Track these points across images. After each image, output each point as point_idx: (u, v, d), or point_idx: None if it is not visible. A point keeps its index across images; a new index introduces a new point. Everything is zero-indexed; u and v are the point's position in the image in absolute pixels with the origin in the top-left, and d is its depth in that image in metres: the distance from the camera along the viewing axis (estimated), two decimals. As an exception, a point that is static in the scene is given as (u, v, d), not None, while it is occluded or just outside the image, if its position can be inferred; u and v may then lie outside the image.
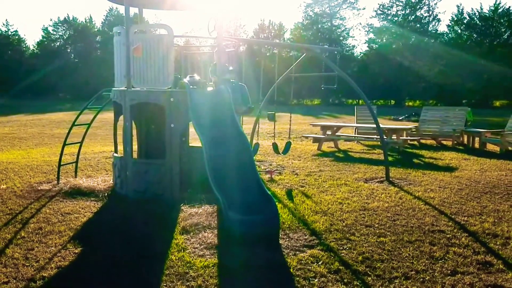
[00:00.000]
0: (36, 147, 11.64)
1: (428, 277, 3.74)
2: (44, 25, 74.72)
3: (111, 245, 4.47)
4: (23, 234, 4.70)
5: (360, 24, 71.65)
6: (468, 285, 3.60)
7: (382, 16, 51.06)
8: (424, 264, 4.02)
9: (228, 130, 5.74)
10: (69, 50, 57.77)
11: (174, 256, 4.16)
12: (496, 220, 5.27)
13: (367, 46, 52.99)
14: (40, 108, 30.45)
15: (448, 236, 4.73)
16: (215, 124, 5.76)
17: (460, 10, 47.21)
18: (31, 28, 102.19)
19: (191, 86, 6.15)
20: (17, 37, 58.92)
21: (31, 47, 60.76)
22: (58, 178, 7.14)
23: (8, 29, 58.58)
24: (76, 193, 6.41)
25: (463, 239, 4.64)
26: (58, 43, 58.19)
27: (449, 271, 3.86)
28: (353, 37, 70.68)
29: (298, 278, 3.72)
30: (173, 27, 6.19)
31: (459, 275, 3.79)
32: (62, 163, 7.27)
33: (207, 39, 7.65)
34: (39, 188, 6.71)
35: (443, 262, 4.06)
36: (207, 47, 8.54)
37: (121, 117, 6.61)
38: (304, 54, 9.46)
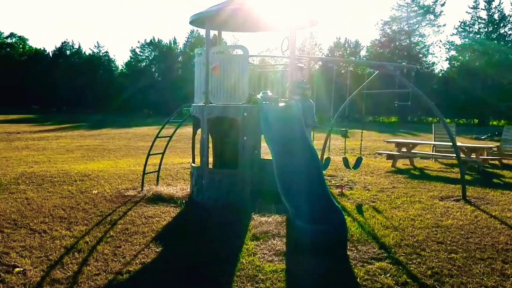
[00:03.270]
0: (122, 158, 12.58)
1: (499, 294, 3.65)
2: (132, 47, 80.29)
3: (187, 246, 4.82)
4: (111, 233, 5.20)
5: (441, 41, 68.79)
6: (543, 304, 3.47)
7: (463, 33, 48.89)
8: (494, 280, 3.92)
9: (298, 143, 5.93)
10: (153, 70, 61.40)
11: (245, 260, 4.39)
12: None
13: (449, 64, 50.85)
14: (126, 122, 32.61)
15: (524, 255, 4.54)
16: (285, 137, 5.98)
17: (548, 28, 43.96)
18: (120, 50, 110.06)
19: (263, 102, 6.45)
20: (107, 58, 63.77)
21: (120, 67, 65.42)
22: (142, 186, 7.73)
23: (100, 51, 63.64)
24: (158, 199, 6.91)
25: (539, 259, 4.43)
26: (144, 63, 62.12)
27: (522, 289, 3.73)
28: (433, 54, 68.08)
29: (364, 288, 3.79)
30: (249, 47, 6.57)
31: (533, 293, 3.65)
32: (146, 172, 7.87)
33: (282, 58, 7.94)
34: (126, 193, 7.31)
35: (516, 280, 3.92)
36: (282, 65, 8.82)
37: (199, 130, 7.06)
38: (377, 72, 9.45)
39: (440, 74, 51.19)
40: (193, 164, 7.31)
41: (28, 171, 9.24)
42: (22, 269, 4.10)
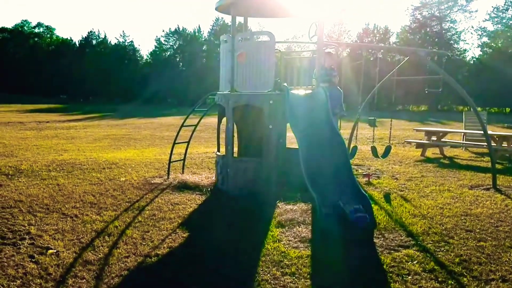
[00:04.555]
0: (148, 147, 12.83)
1: (529, 282, 3.64)
2: (156, 36, 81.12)
3: (213, 232, 4.94)
4: (140, 219, 5.37)
5: (472, 27, 67.00)
6: None
7: (496, 19, 47.44)
8: (525, 269, 3.89)
9: (324, 131, 5.95)
10: (177, 59, 61.76)
11: (270, 246, 4.48)
12: None
13: (480, 50, 49.53)
14: (151, 112, 33.09)
15: (556, 244, 4.48)
16: (311, 125, 6.01)
17: None
18: (145, 39, 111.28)
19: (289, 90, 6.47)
20: (132, 47, 64.54)
21: (145, 57, 66.15)
22: (168, 174, 7.90)
23: (125, 40, 64.47)
24: (183, 187, 7.06)
25: None
26: (168, 53, 62.58)
27: (553, 278, 3.70)
28: (465, 40, 66.35)
29: (391, 274, 3.82)
30: (275, 34, 6.57)
31: None
32: (171, 161, 8.03)
33: (309, 44, 7.92)
34: (152, 181, 7.49)
35: (548, 269, 3.89)
36: (308, 52, 8.80)
37: (224, 119, 7.15)
38: (407, 58, 9.32)
39: (472, 61, 49.94)
40: (218, 153, 7.42)
41: (58, 159, 9.55)
42: (55, 250, 4.30)
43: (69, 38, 68.99)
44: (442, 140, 11.60)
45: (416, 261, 4.08)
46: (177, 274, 3.83)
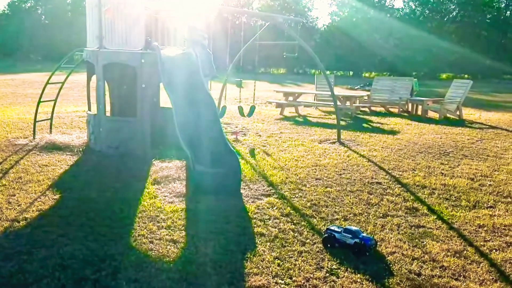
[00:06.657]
0: (9, 106, 11.40)
1: (363, 219, 4.18)
2: (13, -15, 70.39)
3: (87, 192, 4.67)
4: (4, 182, 4.82)
5: (324, -4, 71.25)
6: (396, 225, 4.06)
7: (345, -12, 50.82)
8: (361, 209, 4.46)
9: (196, 91, 5.91)
10: (39, 11, 54.82)
11: (146, 202, 4.41)
12: (426, 175, 5.76)
13: (330, 18, 53.06)
14: (11, 68, 29.19)
15: (384, 187, 5.19)
16: (184, 85, 5.91)
17: (415, -13, 47.64)
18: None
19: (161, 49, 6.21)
20: (-15, -4, 55.36)
21: (2, 7, 57.42)
22: (34, 134, 7.16)
23: (-24, -12, 54.93)
24: (52, 147, 6.48)
25: (396, 189, 5.11)
26: (29, 4, 55.08)
27: (381, 214, 4.31)
28: (317, 9, 70.36)
29: (255, 220, 4.06)
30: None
31: (389, 217, 4.25)
32: (37, 120, 7.27)
33: (179, 4, 7.60)
34: (16, 142, 6.73)
35: (377, 207, 4.51)
36: (179, 12, 8.48)
37: (94, 76, 6.63)
38: (268, 23, 9.58)
39: (322, 29, 53.28)
40: (89, 112, 6.91)
41: None
42: None
43: None
44: (297, 100, 12.37)
45: (275, 207, 4.38)
46: (48, 236, 3.56)
